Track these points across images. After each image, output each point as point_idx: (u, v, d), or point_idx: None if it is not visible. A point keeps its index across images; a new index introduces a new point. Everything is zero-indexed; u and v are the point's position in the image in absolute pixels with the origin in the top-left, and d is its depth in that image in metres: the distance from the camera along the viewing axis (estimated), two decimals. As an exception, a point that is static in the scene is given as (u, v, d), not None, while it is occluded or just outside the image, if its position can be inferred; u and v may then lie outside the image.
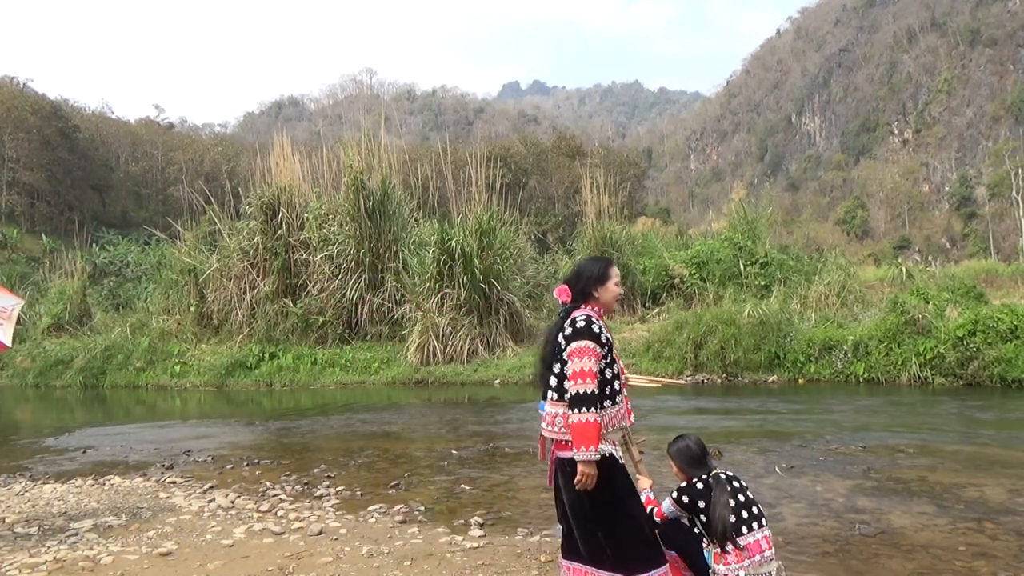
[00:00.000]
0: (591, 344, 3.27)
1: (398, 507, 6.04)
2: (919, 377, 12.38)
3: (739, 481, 3.64)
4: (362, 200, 19.04)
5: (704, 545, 3.56)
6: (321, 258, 19.31)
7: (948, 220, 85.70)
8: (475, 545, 4.98)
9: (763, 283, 18.79)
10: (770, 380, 13.80)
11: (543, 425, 3.52)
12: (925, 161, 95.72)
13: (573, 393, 3.21)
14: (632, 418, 3.60)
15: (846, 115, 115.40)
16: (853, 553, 4.61)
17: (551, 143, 58.05)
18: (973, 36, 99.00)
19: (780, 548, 4.41)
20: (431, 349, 16.69)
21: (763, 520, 3.55)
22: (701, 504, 3.53)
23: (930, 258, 52.38)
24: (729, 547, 3.43)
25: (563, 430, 3.31)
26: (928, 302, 13.66)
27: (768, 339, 14.32)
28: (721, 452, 7.40)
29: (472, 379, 15.77)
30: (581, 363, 3.22)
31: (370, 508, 6.04)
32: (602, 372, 3.33)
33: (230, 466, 8.15)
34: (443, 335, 16.76)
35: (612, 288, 3.54)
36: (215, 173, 55.22)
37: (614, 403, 3.41)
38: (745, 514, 3.50)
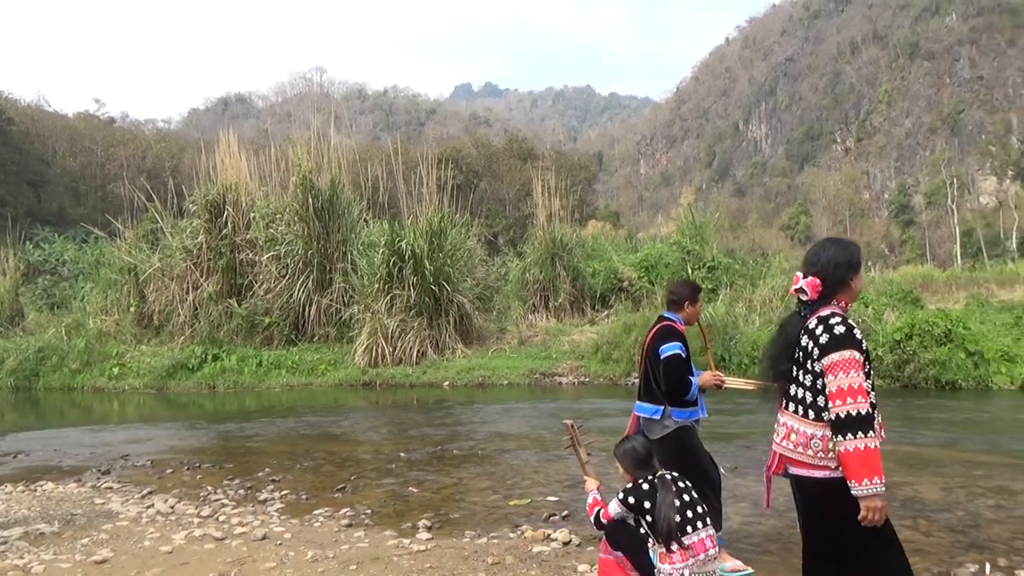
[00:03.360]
0: (857, 355, 2.72)
1: (344, 511, 5.95)
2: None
3: (684, 481, 3.68)
4: (311, 200, 18.77)
5: (650, 545, 3.58)
6: (268, 258, 18.97)
7: (887, 227, 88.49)
8: (422, 548, 4.93)
9: (710, 287, 19.08)
10: (716, 382, 14.00)
11: (775, 438, 3.02)
12: (866, 169, 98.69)
13: (844, 415, 2.66)
14: (883, 433, 2.96)
15: (791, 123, 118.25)
16: (794, 551, 4.69)
17: (503, 145, 58.14)
18: (912, 49, 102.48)
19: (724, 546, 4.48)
20: (379, 351, 16.53)
21: (707, 520, 3.59)
22: (647, 505, 3.55)
23: (870, 263, 53.94)
24: (674, 546, 3.46)
25: (820, 454, 2.79)
26: (867, 306, 14.07)
27: (715, 341, 14.55)
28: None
29: (421, 381, 15.67)
30: (848, 379, 2.68)
31: (316, 512, 5.94)
32: None
33: (170, 470, 7.93)
34: (392, 337, 16.62)
35: (863, 276, 3.03)
36: (158, 170, 53.76)
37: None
38: (690, 514, 3.54)
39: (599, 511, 3.75)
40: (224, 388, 16.73)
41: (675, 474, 3.71)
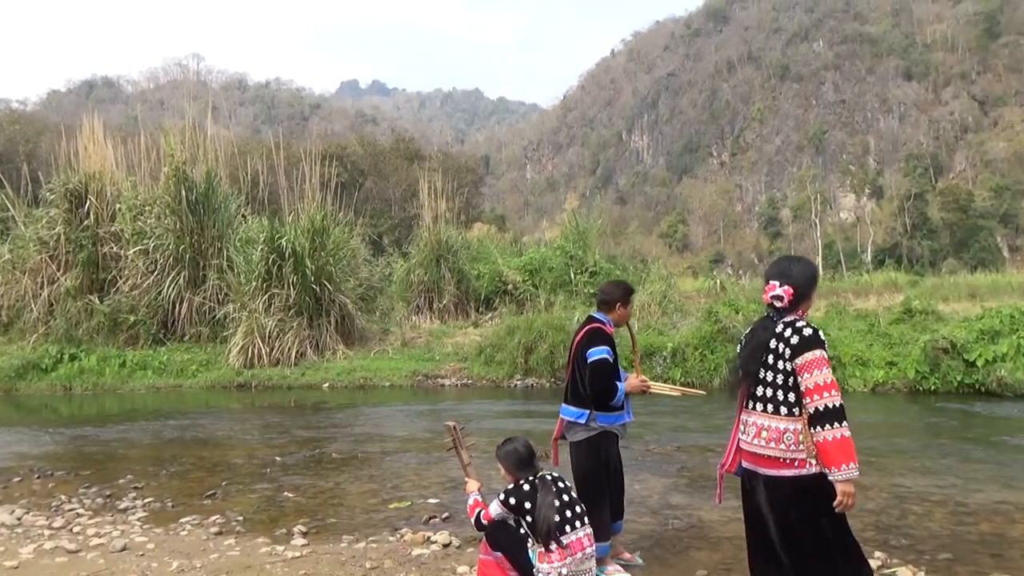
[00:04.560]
0: (825, 354, 3.00)
1: (214, 518, 5.69)
2: (728, 382, 13.35)
3: (564, 482, 3.74)
4: (184, 192, 17.86)
5: (529, 545, 3.62)
6: (135, 252, 17.88)
7: (757, 238, 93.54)
8: (297, 554, 4.78)
9: (592, 291, 19.54)
10: (595, 384, 14.33)
11: (744, 438, 3.17)
12: (739, 183, 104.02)
13: (823, 407, 2.91)
14: None
15: (671, 135, 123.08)
16: (666, 547, 4.87)
17: (389, 145, 57.45)
18: (783, 71, 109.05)
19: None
20: (256, 351, 15.93)
21: (585, 519, 3.67)
22: (527, 505, 3.59)
23: (741, 272, 57.08)
24: (553, 546, 3.51)
25: (792, 447, 2.97)
26: (738, 312, 14.78)
27: (595, 345, 14.91)
28: (548, 454, 7.58)
29: (300, 382, 15.22)
30: (822, 375, 2.94)
31: (182, 520, 5.65)
32: None
33: (17, 479, 7.32)
34: (269, 337, 16.06)
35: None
36: (10, 154, 49.58)
37: None
38: (569, 513, 3.60)
39: (480, 512, 3.76)
40: (82, 390, 15.62)
41: (555, 474, 3.77)
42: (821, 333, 3.04)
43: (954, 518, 5.33)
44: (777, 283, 3.21)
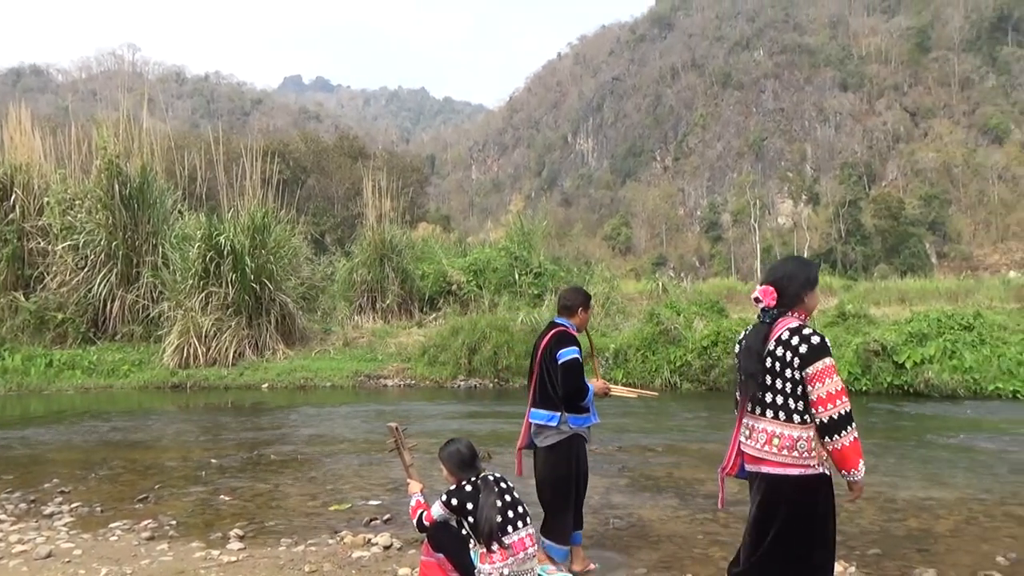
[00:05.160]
0: (833, 362, 3.00)
1: (146, 522, 5.51)
2: (670, 383, 13.57)
3: (506, 482, 3.74)
4: (117, 186, 17.32)
5: (471, 546, 3.60)
6: (64, 248, 17.25)
7: (698, 241, 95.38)
8: (233, 559, 4.67)
9: (536, 292, 19.65)
10: (539, 384, 14.39)
11: (751, 443, 3.15)
12: (681, 187, 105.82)
13: (837, 415, 2.92)
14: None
15: (616, 139, 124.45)
16: (607, 546, 4.91)
17: (333, 142, 56.61)
18: (725, 79, 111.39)
19: (541, 544, 4.58)
20: (192, 351, 15.55)
21: (527, 519, 3.67)
22: (469, 506, 3.58)
23: (682, 275, 57.90)
24: (495, 546, 3.51)
25: (805, 455, 2.97)
26: (679, 315, 15.04)
27: (539, 345, 14.96)
28: (491, 455, 7.57)
29: (238, 383, 14.89)
30: (833, 383, 2.93)
31: (112, 525, 5.45)
32: None
33: (-66, 484, 6.96)
34: (206, 336, 15.69)
35: (818, 295, 3.27)
36: (-69, 143, 47.30)
37: None
38: (511, 514, 3.60)
39: (422, 513, 3.73)
40: (5, 391, 14.94)
41: (498, 475, 3.76)
42: (827, 340, 3.04)
43: (883, 514, 5.50)
44: (761, 284, 3.22)
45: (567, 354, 4.21)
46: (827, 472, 3.00)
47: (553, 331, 4.37)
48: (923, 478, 6.60)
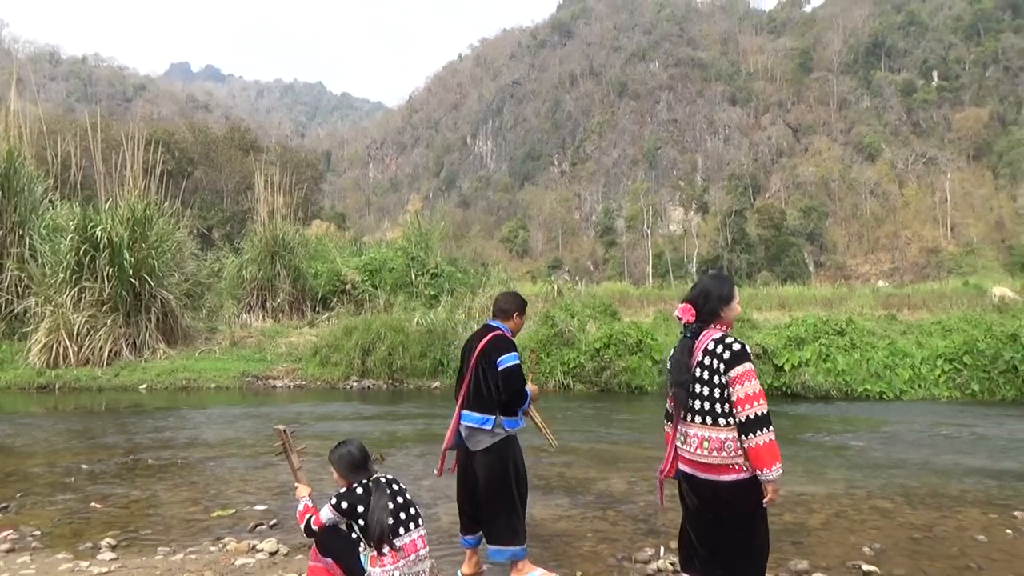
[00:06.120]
0: (752, 366, 3.23)
1: (6, 533, 5.12)
2: (563, 384, 13.78)
3: (398, 484, 3.68)
4: (-20, 171, 16.03)
5: (361, 549, 3.53)
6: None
7: (593, 246, 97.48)
8: (104, 570, 4.40)
9: (432, 293, 19.55)
10: (434, 386, 14.34)
11: (685, 448, 3.33)
12: (578, 192, 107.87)
13: (754, 415, 3.14)
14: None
15: (515, 142, 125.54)
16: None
17: (223, 133, 54.49)
18: (622, 88, 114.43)
19: (434, 546, 4.55)
20: (61, 349, 14.62)
21: (419, 520, 3.63)
22: (360, 508, 3.51)
23: (577, 278, 59.06)
24: (385, 549, 3.45)
25: (733, 454, 3.18)
26: (573, 317, 15.30)
27: (434, 347, 14.89)
28: (383, 456, 7.44)
29: (113, 384, 14.08)
30: (752, 386, 3.17)
31: (-36, 538, 5.01)
32: None
33: None
34: (78, 334, 14.77)
35: (736, 307, 3.49)
36: None
37: None
38: (403, 515, 3.55)
39: (310, 518, 3.63)
40: None
41: (390, 477, 3.70)
42: (748, 347, 3.29)
43: (762, 509, 5.75)
44: (681, 302, 3.51)
45: (508, 360, 4.21)
46: (756, 472, 3.21)
47: (491, 335, 4.33)
48: (799, 474, 6.95)
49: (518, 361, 4.25)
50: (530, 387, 4.42)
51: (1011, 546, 4.91)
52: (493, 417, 4.22)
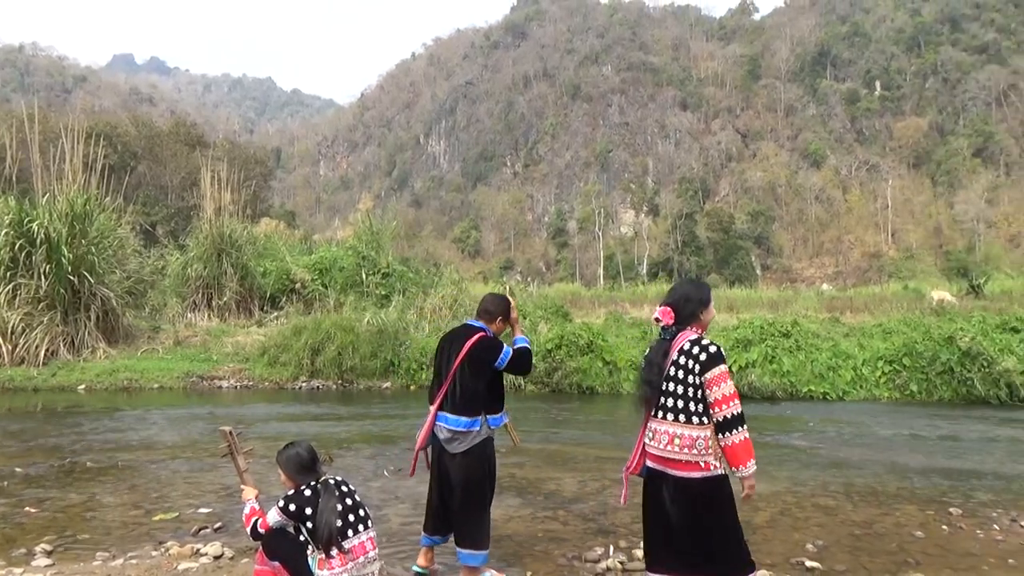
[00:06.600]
0: (727, 368, 3.38)
1: (-71, 542, 4.87)
2: (514, 385, 13.78)
3: (347, 486, 3.64)
4: (-92, 162, 15.32)
5: (309, 552, 3.47)
6: None
7: (545, 247, 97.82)
8: (38, 577, 4.22)
9: (384, 292, 19.39)
10: (384, 387, 14.21)
11: (654, 445, 3.45)
12: (530, 193, 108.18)
13: (730, 415, 3.30)
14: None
15: (468, 143, 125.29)
16: (450, 546, 4.87)
17: (168, 128, 53.10)
18: (575, 91, 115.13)
19: (384, 547, 4.50)
20: (-5, 349, 14.03)
21: (369, 522, 3.59)
22: (308, 511, 3.46)
23: (529, 279, 59.22)
24: (334, 551, 3.41)
25: (703, 452, 3.32)
26: (525, 318, 15.33)
27: (385, 347, 14.76)
28: (332, 458, 7.36)
29: (49, 384, 13.60)
30: (728, 387, 3.32)
31: None
32: None
33: None
34: (12, 332, 14.24)
35: (712, 311, 3.64)
36: None
37: None
38: (352, 517, 3.51)
39: (257, 520, 3.56)
40: None
41: (338, 478, 3.66)
42: (723, 350, 3.46)
43: (710, 508, 5.83)
44: (660, 305, 3.62)
45: (508, 354, 4.24)
46: (725, 472, 3.37)
47: (476, 336, 4.24)
48: (745, 473, 7.07)
49: (526, 344, 4.36)
50: None
51: (947, 541, 5.08)
52: (479, 418, 4.19)
